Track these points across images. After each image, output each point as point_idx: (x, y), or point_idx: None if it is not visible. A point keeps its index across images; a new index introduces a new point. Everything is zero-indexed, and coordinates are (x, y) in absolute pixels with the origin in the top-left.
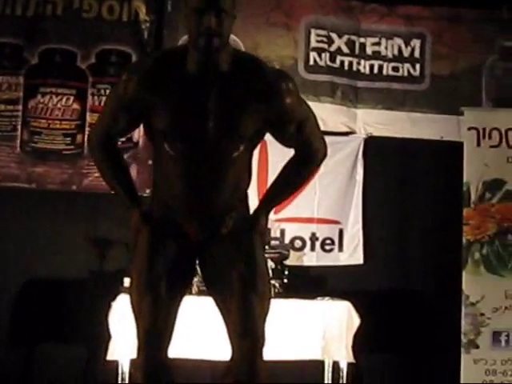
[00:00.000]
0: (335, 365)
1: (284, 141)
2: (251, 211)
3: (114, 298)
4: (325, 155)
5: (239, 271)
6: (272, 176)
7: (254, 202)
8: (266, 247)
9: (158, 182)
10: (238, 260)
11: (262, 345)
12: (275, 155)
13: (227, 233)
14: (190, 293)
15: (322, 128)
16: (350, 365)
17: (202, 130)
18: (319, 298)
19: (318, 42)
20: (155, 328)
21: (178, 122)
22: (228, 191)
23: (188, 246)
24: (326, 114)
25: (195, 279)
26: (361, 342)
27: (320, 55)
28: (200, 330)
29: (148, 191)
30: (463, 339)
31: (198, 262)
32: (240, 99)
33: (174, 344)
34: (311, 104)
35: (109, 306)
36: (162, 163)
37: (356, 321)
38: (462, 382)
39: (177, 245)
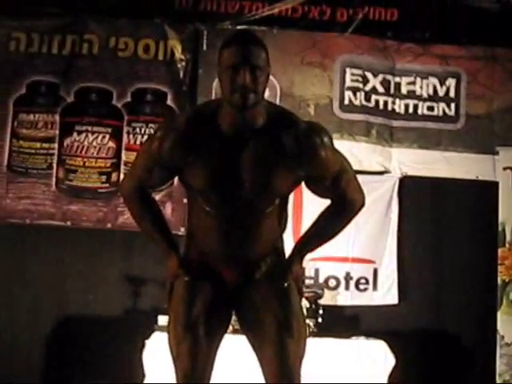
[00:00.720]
0: None
1: (319, 193)
2: (286, 255)
3: (148, 337)
4: (362, 205)
5: (274, 314)
6: (306, 219)
7: (288, 246)
8: None
9: (193, 230)
10: (272, 303)
11: None
12: (310, 198)
13: (262, 277)
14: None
15: (357, 167)
16: None
17: (236, 187)
18: (354, 338)
19: (353, 81)
20: (194, 371)
21: (213, 180)
22: (261, 242)
23: (224, 289)
24: (362, 153)
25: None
26: (395, 382)
27: (355, 94)
28: (236, 369)
29: (183, 229)
30: (498, 380)
31: (233, 306)
32: (273, 156)
33: None
34: (346, 143)
35: (143, 345)
36: (197, 214)
37: (391, 361)
38: None
39: (213, 288)
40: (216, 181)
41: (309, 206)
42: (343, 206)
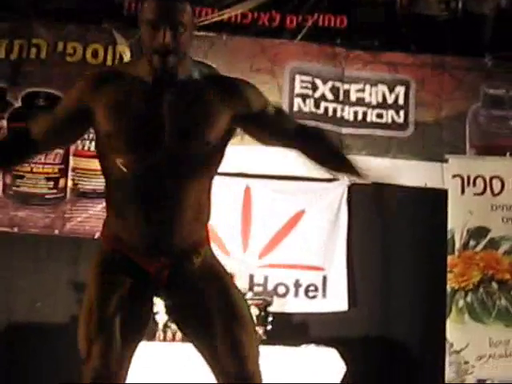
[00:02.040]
0: None
1: (266, 137)
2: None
3: None
4: None
5: (218, 309)
6: (256, 221)
7: (237, 244)
8: (250, 294)
9: (109, 213)
10: (213, 298)
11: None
12: (259, 201)
13: (195, 270)
14: (173, 339)
15: (306, 174)
16: None
17: (158, 138)
18: (304, 345)
19: (302, 88)
20: (107, 370)
21: (129, 128)
22: (190, 221)
23: (145, 283)
24: None
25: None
26: None
27: (304, 101)
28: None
29: None
30: None
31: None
32: (196, 103)
33: None
34: (295, 151)
35: None
36: (113, 190)
37: (341, 368)
38: None
39: (132, 282)
40: (133, 128)
41: (258, 207)
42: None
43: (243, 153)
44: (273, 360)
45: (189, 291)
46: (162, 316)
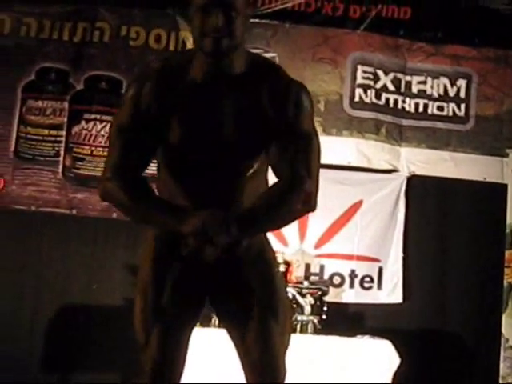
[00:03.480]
0: None
1: (277, 168)
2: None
3: None
4: (310, 193)
5: (258, 299)
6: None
7: (294, 235)
8: (306, 283)
9: (162, 193)
10: (255, 285)
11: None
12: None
13: (242, 257)
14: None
15: (366, 165)
16: None
17: (218, 139)
18: (359, 336)
19: (363, 78)
20: (165, 358)
21: (191, 134)
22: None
23: (198, 271)
24: (370, 151)
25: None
26: (400, 382)
27: (366, 92)
28: (221, 364)
29: None
30: (501, 383)
31: (208, 290)
32: (249, 109)
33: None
34: (355, 140)
35: None
36: (169, 186)
37: (396, 360)
38: None
39: (185, 269)
40: (195, 133)
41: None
42: (289, 180)
43: None
44: (328, 350)
45: (232, 274)
46: None
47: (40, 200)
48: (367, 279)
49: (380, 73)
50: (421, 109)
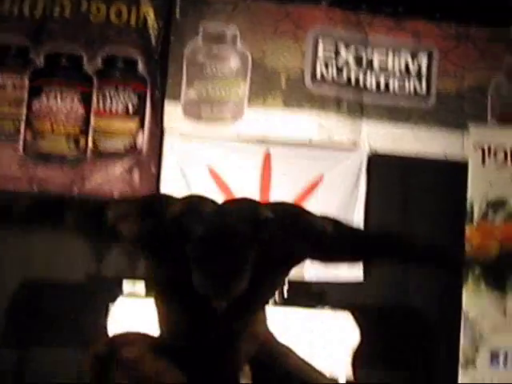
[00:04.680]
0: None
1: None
2: None
3: (112, 302)
4: None
5: None
6: (275, 188)
7: None
8: None
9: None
10: None
11: None
12: (279, 167)
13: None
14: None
15: (327, 141)
16: (347, 381)
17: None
18: (319, 308)
19: (325, 53)
20: None
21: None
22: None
23: None
24: (331, 127)
25: None
26: (359, 357)
27: (327, 67)
28: None
29: None
30: (461, 357)
31: None
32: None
33: None
34: (316, 117)
35: (107, 311)
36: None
37: (356, 334)
38: None
39: None
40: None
41: (277, 173)
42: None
43: (264, 116)
44: (286, 321)
45: None
46: None
47: (0, 177)
48: None
49: (341, 48)
50: (382, 85)
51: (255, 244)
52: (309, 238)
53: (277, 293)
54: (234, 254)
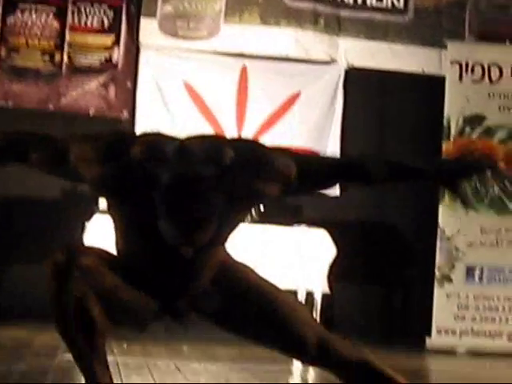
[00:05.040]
0: (308, 295)
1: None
2: None
3: (88, 219)
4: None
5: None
6: (251, 102)
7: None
8: None
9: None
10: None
11: None
12: (256, 82)
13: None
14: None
15: (304, 56)
16: (324, 295)
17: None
18: (295, 225)
19: None
20: None
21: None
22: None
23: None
24: (308, 42)
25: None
26: (335, 272)
27: None
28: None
29: (125, 113)
30: (437, 273)
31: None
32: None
33: None
34: (293, 32)
35: (83, 227)
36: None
37: (332, 250)
38: (434, 315)
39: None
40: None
41: (254, 88)
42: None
43: (241, 32)
44: (264, 239)
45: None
46: None
47: None
48: None
49: None
50: (359, 0)
51: (220, 187)
52: (272, 177)
53: (253, 210)
54: (201, 201)
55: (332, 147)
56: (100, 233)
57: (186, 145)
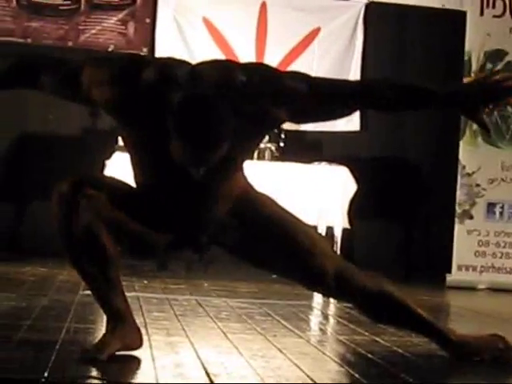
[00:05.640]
0: (329, 230)
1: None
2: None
3: (108, 157)
4: None
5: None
6: (271, 38)
7: (252, 60)
8: None
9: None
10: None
11: None
12: (275, 17)
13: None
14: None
15: None
16: (344, 230)
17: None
18: (316, 163)
19: None
20: None
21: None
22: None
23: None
24: None
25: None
26: (356, 208)
27: None
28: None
29: (145, 50)
30: (458, 209)
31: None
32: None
33: None
34: None
35: (103, 165)
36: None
37: (353, 186)
38: (454, 251)
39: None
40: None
41: (274, 23)
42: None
43: None
44: (285, 176)
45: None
46: None
47: None
48: None
49: None
50: None
51: (231, 109)
52: (284, 99)
53: (273, 148)
54: (211, 121)
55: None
56: (120, 171)
57: (198, 68)
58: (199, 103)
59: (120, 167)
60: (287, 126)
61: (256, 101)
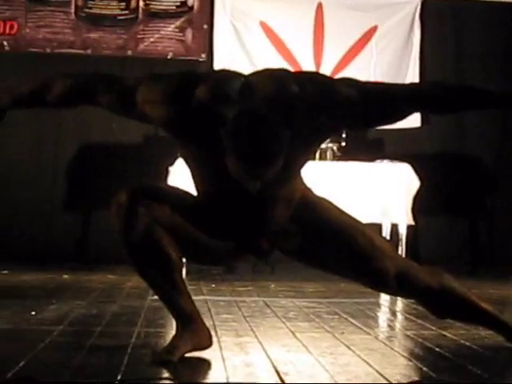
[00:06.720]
0: (393, 227)
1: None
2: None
3: (171, 163)
4: None
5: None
6: (328, 38)
7: (309, 62)
8: None
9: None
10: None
11: None
12: (332, 17)
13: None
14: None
15: None
16: (408, 227)
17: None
18: (378, 161)
19: None
20: None
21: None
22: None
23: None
24: None
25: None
26: (420, 204)
27: None
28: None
29: (203, 56)
30: None
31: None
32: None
33: None
34: None
35: (167, 172)
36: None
37: (416, 183)
38: None
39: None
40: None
41: (330, 24)
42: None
43: None
44: (347, 175)
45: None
46: None
47: (54, 42)
48: None
49: None
50: None
51: (285, 123)
52: (338, 112)
53: (335, 148)
54: (266, 136)
55: (411, 80)
56: (183, 177)
57: (251, 80)
58: (251, 120)
59: (183, 173)
60: None
61: (310, 113)
